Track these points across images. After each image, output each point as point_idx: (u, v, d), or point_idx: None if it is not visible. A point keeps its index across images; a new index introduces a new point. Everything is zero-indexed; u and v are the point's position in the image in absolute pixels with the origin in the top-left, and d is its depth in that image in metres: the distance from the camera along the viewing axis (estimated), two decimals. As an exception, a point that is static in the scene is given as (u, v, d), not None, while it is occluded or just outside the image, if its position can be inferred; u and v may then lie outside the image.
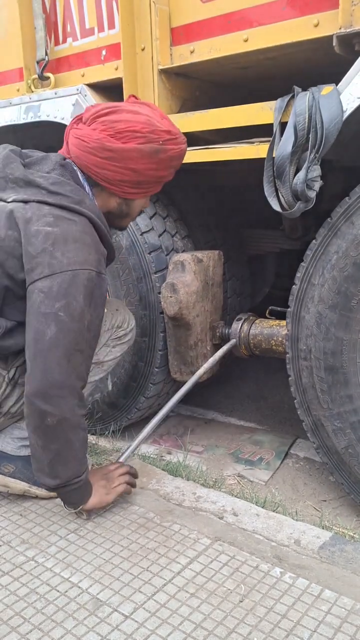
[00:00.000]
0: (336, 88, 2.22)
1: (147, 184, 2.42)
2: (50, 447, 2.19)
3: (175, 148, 2.35)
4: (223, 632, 1.82)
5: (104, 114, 2.30)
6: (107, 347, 2.77)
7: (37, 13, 3.24)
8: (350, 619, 1.86)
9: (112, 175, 2.33)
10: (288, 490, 3.03)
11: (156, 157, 2.31)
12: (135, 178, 2.35)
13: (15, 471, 2.55)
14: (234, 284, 3.71)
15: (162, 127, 2.31)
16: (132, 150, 2.26)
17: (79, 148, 2.32)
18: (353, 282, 2.39)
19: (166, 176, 2.45)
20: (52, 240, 2.15)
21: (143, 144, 2.27)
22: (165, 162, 2.36)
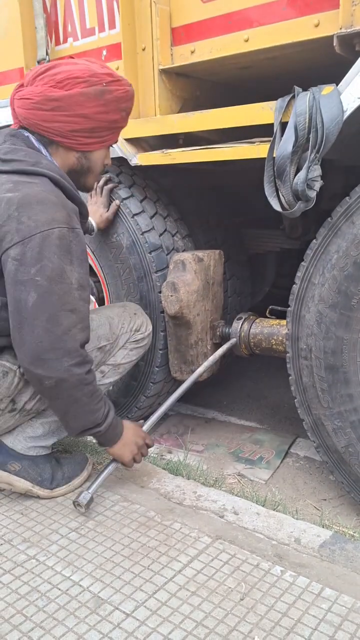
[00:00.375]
0: (337, 88, 2.22)
1: (101, 130, 2.40)
2: (57, 406, 2.31)
3: (120, 88, 2.36)
4: (224, 630, 1.83)
5: (43, 72, 2.31)
6: (124, 350, 2.79)
7: (37, 13, 3.24)
8: (351, 617, 1.86)
9: (63, 127, 2.33)
10: (288, 489, 3.03)
11: (102, 99, 2.31)
12: (88, 125, 2.35)
13: (21, 470, 2.57)
14: (234, 283, 3.71)
15: (102, 71, 2.32)
16: (77, 95, 2.27)
17: (24, 108, 2.31)
18: (353, 282, 2.39)
19: (118, 120, 2.43)
20: (15, 206, 2.15)
21: (86, 87, 2.27)
22: (113, 104, 2.35)
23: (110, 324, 2.73)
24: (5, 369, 2.37)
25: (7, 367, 2.37)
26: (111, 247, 3.20)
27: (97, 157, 2.50)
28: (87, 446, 3.09)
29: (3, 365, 2.37)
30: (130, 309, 2.90)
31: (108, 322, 2.73)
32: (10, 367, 2.37)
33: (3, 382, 2.38)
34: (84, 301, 2.26)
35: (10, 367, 2.37)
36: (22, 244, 2.12)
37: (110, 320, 2.74)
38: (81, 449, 3.05)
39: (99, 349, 2.66)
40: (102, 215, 3.12)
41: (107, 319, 2.75)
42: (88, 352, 2.39)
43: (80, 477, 2.71)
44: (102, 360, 2.71)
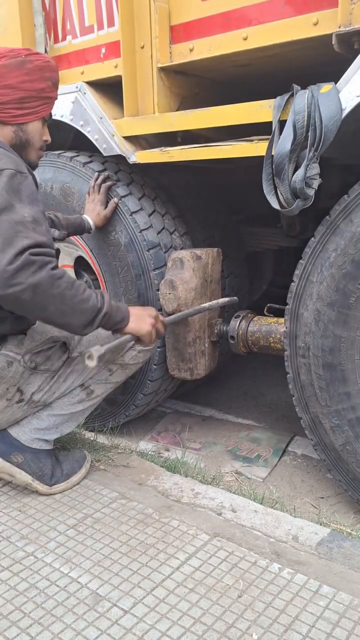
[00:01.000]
0: (335, 86, 2.22)
1: (30, 100, 2.45)
2: (49, 313, 2.19)
3: (40, 58, 2.45)
4: (222, 626, 1.83)
5: None
6: (133, 351, 2.76)
7: (36, 10, 3.24)
8: (349, 615, 1.87)
9: None
10: (286, 487, 3.04)
11: (24, 68, 2.39)
12: (16, 95, 2.41)
13: (23, 462, 2.58)
14: (232, 282, 3.71)
15: (20, 48, 2.45)
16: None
17: None
18: (351, 280, 2.40)
19: (45, 89, 2.47)
20: None
21: (7, 60, 2.37)
22: (36, 73, 2.42)
23: None
24: (9, 359, 2.41)
25: (10, 356, 2.41)
26: (109, 245, 3.20)
27: (33, 129, 2.52)
28: (85, 443, 3.10)
29: (6, 355, 2.40)
30: None
31: None
32: (14, 356, 2.41)
33: (8, 371, 2.42)
34: (40, 233, 2.20)
35: (15, 356, 2.41)
36: None
37: None
38: (79, 446, 3.05)
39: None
40: (100, 213, 3.12)
41: None
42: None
43: (79, 475, 2.71)
44: (111, 358, 2.70)
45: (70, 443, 3.09)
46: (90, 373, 2.67)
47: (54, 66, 2.51)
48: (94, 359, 2.31)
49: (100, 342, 2.59)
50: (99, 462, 2.90)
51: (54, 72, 2.51)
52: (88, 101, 3.07)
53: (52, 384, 2.59)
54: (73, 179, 3.32)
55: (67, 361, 2.62)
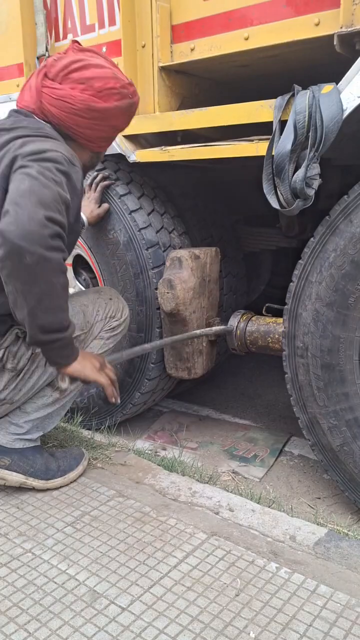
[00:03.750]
0: (336, 87, 2.23)
1: (117, 134, 2.53)
2: (32, 290, 2.05)
3: (136, 98, 2.45)
4: (219, 625, 1.83)
5: (74, 70, 2.31)
6: (100, 340, 2.75)
7: (38, 9, 3.24)
8: (346, 614, 1.87)
9: (94, 134, 2.40)
10: (282, 487, 3.04)
11: (130, 111, 2.44)
12: (113, 133, 2.48)
13: (11, 464, 2.57)
14: (230, 281, 3.72)
15: (125, 80, 2.39)
16: (114, 108, 2.35)
17: (63, 110, 2.33)
18: (351, 280, 2.40)
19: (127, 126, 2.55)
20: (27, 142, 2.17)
21: (120, 100, 2.35)
22: (134, 114, 2.49)
23: (84, 312, 2.69)
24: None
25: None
26: (108, 244, 3.20)
27: (101, 155, 2.58)
28: (82, 441, 3.09)
29: None
30: (105, 295, 2.84)
31: (82, 310, 2.68)
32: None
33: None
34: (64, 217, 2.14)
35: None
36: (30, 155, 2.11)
37: (84, 309, 2.69)
38: (76, 444, 3.05)
39: (74, 338, 2.48)
40: (93, 211, 3.13)
41: (81, 307, 2.69)
42: None
43: (76, 471, 2.71)
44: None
45: (68, 441, 3.09)
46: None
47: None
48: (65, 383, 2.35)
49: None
50: (97, 460, 2.90)
51: None
52: (88, 99, 3.07)
53: (18, 382, 2.51)
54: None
55: (31, 357, 2.51)
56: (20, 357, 2.46)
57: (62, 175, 2.14)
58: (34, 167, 2.07)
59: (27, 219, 1.98)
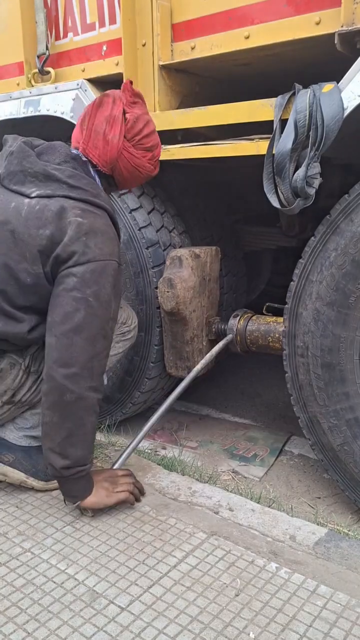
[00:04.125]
0: (337, 86, 2.22)
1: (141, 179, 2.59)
2: (65, 425, 2.22)
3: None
4: (219, 625, 1.83)
5: (145, 136, 2.45)
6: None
7: (38, 7, 3.24)
8: (346, 615, 1.87)
9: (130, 179, 2.53)
10: (282, 487, 3.04)
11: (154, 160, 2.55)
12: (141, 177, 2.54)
13: (15, 461, 2.57)
14: (230, 280, 3.72)
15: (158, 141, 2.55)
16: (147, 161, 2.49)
17: (132, 174, 2.49)
18: (351, 280, 2.40)
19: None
20: (84, 231, 2.22)
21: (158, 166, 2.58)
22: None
23: None
24: (12, 361, 2.42)
25: (14, 359, 2.42)
26: (108, 243, 3.19)
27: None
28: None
29: (11, 357, 2.42)
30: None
31: None
32: (17, 359, 2.43)
33: (10, 373, 2.43)
34: (112, 332, 2.36)
35: (17, 359, 2.43)
36: (86, 265, 2.20)
37: None
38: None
39: None
40: None
41: None
42: None
43: (76, 472, 2.71)
44: None
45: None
46: None
47: None
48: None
49: None
50: (96, 459, 2.89)
51: None
52: (89, 98, 3.06)
53: (39, 383, 2.55)
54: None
55: None
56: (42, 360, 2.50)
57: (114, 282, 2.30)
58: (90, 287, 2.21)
59: (74, 360, 2.17)
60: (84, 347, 2.19)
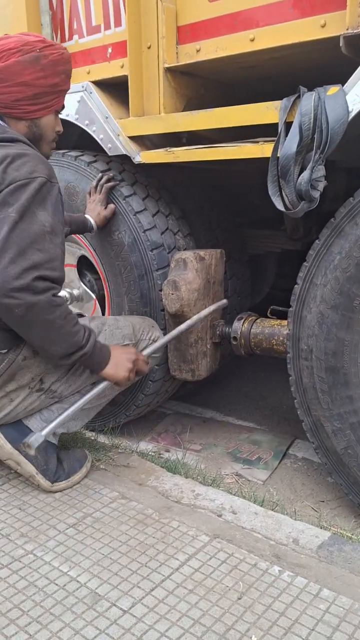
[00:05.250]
0: (342, 89, 2.22)
1: (44, 95, 2.50)
2: (33, 334, 2.34)
3: (54, 52, 2.47)
4: (221, 628, 1.83)
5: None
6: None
7: (43, 9, 3.25)
8: (349, 618, 1.86)
9: (7, 98, 2.45)
10: (286, 490, 3.03)
11: (39, 64, 2.42)
12: (30, 92, 2.46)
13: None
14: (234, 283, 3.71)
15: (35, 39, 2.44)
16: (14, 64, 2.39)
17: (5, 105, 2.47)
18: (356, 283, 2.39)
19: (59, 83, 2.54)
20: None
21: (21, 56, 2.39)
22: (50, 68, 2.46)
23: (133, 327, 2.86)
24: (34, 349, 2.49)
25: None
26: (112, 245, 3.19)
27: (46, 123, 2.59)
28: (85, 443, 3.09)
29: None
30: (149, 322, 3.01)
31: (131, 325, 2.87)
32: None
33: (34, 360, 2.51)
34: (55, 245, 2.35)
35: None
36: (6, 189, 2.26)
37: (133, 325, 2.88)
38: (80, 445, 3.05)
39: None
40: (100, 213, 3.12)
41: (130, 323, 2.89)
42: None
43: (79, 474, 2.72)
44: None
45: (71, 442, 3.09)
46: None
47: (68, 57, 2.55)
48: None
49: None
50: (100, 462, 2.90)
51: (68, 63, 2.56)
52: (94, 100, 3.07)
53: (69, 376, 2.64)
54: (77, 178, 3.31)
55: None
56: None
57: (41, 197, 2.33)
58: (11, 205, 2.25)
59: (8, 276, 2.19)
60: (14, 262, 2.20)
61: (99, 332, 2.75)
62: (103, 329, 2.77)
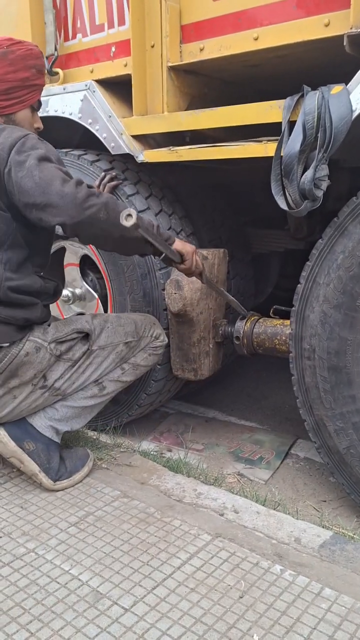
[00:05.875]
0: (346, 88, 2.21)
1: (16, 90, 2.56)
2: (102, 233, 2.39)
3: (22, 47, 2.54)
4: (223, 627, 1.82)
5: None
6: (144, 353, 2.89)
7: (47, 8, 3.25)
8: (351, 618, 1.86)
9: None
10: (288, 489, 3.03)
11: (7, 59, 2.49)
12: (1, 87, 2.52)
13: (34, 451, 2.63)
14: (237, 283, 3.71)
15: (2, 38, 2.53)
16: None
17: None
18: (358, 282, 2.39)
19: (30, 77, 2.58)
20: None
21: None
22: (20, 62, 2.52)
23: (135, 324, 2.85)
24: (37, 345, 2.53)
25: (39, 343, 2.54)
26: (115, 244, 3.19)
27: (22, 119, 2.64)
28: (88, 442, 3.09)
29: (35, 341, 2.54)
30: (150, 319, 2.99)
31: (134, 322, 2.86)
32: (42, 343, 2.55)
33: (36, 357, 2.53)
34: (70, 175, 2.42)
35: (42, 343, 2.55)
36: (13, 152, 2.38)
37: (135, 322, 2.87)
38: (82, 444, 3.04)
39: (126, 343, 2.79)
40: None
41: (132, 320, 2.88)
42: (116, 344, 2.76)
43: (81, 473, 2.72)
44: (126, 357, 2.83)
45: (74, 441, 3.09)
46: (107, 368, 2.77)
47: (38, 53, 2.60)
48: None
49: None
50: (102, 461, 2.89)
51: (38, 59, 2.60)
52: (97, 99, 3.06)
53: (73, 373, 2.67)
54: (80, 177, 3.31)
55: (87, 353, 2.70)
56: (76, 350, 2.66)
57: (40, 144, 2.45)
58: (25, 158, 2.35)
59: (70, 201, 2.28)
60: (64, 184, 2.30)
61: (102, 329, 2.74)
62: (106, 326, 2.76)
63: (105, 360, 2.75)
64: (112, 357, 2.77)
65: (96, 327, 2.72)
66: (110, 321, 2.81)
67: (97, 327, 2.73)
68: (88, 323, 2.72)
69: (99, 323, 2.76)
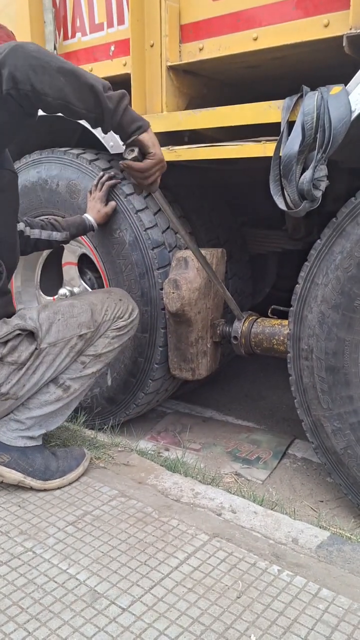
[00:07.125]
0: (345, 88, 2.22)
1: None
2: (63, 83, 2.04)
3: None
4: (220, 627, 1.82)
5: None
6: (105, 339, 2.71)
7: (46, 7, 3.25)
8: (348, 618, 1.86)
9: None
10: (285, 490, 3.03)
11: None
12: None
13: (11, 461, 2.57)
14: (235, 283, 3.71)
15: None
16: None
17: None
18: (357, 283, 2.39)
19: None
20: None
21: None
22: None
23: (92, 310, 2.66)
24: None
25: None
26: (114, 243, 3.19)
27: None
28: (85, 441, 3.09)
29: None
30: (115, 295, 2.81)
31: (90, 309, 2.65)
32: None
33: None
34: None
35: None
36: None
37: (92, 307, 2.67)
38: (79, 443, 3.04)
39: (80, 336, 2.60)
40: (100, 210, 3.11)
41: (90, 305, 2.67)
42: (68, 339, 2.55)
43: (76, 472, 2.69)
44: (82, 349, 2.65)
45: (71, 440, 3.08)
46: (61, 365, 2.61)
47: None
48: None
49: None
50: (99, 460, 2.89)
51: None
52: (96, 98, 3.06)
53: (21, 376, 2.50)
54: (79, 176, 3.31)
55: (34, 353, 2.51)
56: (22, 351, 2.48)
57: None
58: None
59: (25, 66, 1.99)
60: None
61: (51, 323, 2.54)
62: (56, 319, 2.56)
63: (57, 357, 2.56)
64: (65, 352, 2.57)
65: (44, 323, 2.51)
66: (62, 312, 2.59)
67: (45, 322, 2.54)
68: (32, 320, 2.50)
69: (48, 317, 2.55)
